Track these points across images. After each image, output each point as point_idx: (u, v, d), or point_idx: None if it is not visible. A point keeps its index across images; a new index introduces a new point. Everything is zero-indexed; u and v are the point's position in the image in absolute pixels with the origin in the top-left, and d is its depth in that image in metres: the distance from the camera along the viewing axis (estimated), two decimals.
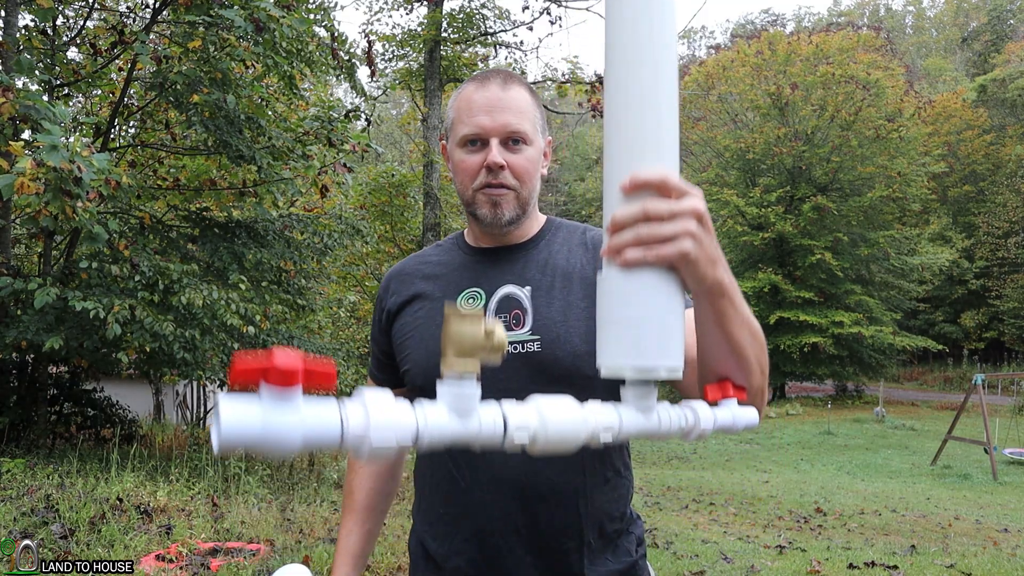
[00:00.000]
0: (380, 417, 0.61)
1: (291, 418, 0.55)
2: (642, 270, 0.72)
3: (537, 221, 1.24)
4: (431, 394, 1.18)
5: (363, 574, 1.30)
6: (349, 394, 0.65)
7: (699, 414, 0.77)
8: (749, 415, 0.81)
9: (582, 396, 0.84)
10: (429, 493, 1.18)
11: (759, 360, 0.86)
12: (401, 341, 1.21)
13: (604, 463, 1.12)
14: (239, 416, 0.54)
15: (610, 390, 0.84)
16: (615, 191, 0.74)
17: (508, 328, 1.11)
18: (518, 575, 1.09)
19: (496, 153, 1.09)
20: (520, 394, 1.17)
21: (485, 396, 1.18)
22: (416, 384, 1.17)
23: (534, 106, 1.15)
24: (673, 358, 0.72)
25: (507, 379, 1.04)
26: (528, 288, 1.14)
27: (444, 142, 1.21)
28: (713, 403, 0.81)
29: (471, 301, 1.15)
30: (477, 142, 1.12)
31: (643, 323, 0.72)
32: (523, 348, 1.10)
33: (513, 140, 1.11)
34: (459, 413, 0.68)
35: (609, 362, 0.74)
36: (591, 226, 1.26)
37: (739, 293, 0.81)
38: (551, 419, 0.70)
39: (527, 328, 1.11)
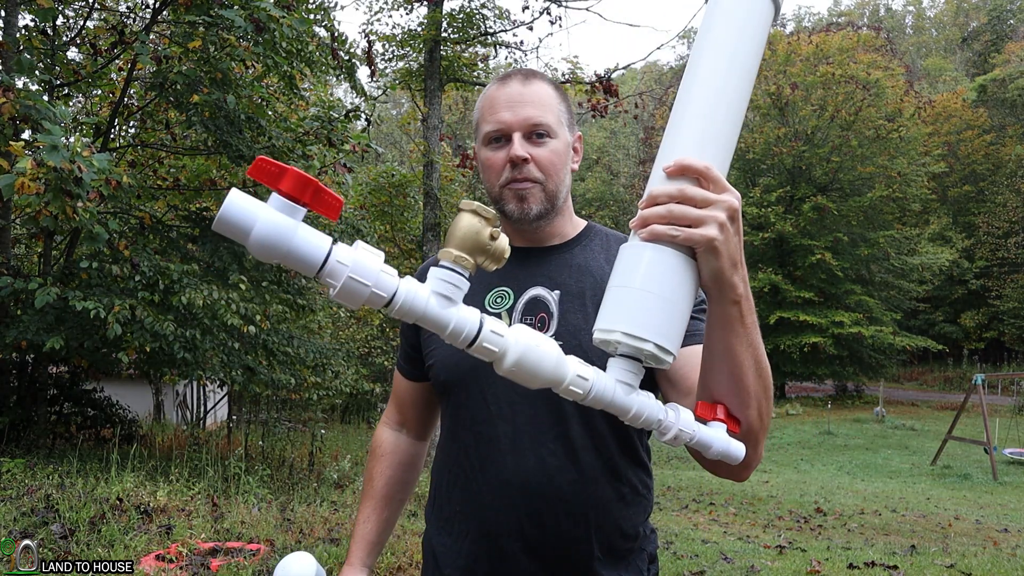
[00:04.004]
0: (366, 261, 0.63)
1: (287, 224, 0.59)
2: (663, 248, 0.72)
3: (575, 224, 1.21)
4: (455, 392, 1.15)
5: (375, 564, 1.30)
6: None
7: (681, 416, 0.75)
8: (731, 446, 0.78)
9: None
10: (445, 490, 1.17)
11: (759, 400, 0.82)
12: (428, 336, 1.19)
13: (621, 479, 1.10)
14: (244, 202, 0.59)
15: None
16: (659, 172, 0.76)
17: None
18: None
19: (518, 146, 1.08)
20: (534, 399, 1.14)
21: (496, 394, 1.16)
22: (440, 379, 1.16)
23: (558, 100, 1.13)
24: (665, 339, 0.71)
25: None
26: (557, 292, 1.11)
27: (475, 144, 1.20)
28: (701, 421, 0.79)
29: (499, 300, 1.13)
30: (501, 139, 1.10)
31: (647, 296, 0.71)
32: None
33: (537, 134, 1.09)
34: (441, 297, 0.67)
35: (603, 325, 0.73)
36: None
37: (753, 315, 0.80)
38: (526, 343, 0.69)
39: (551, 333, 1.08)
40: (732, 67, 0.77)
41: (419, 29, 9.39)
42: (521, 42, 10.63)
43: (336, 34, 6.77)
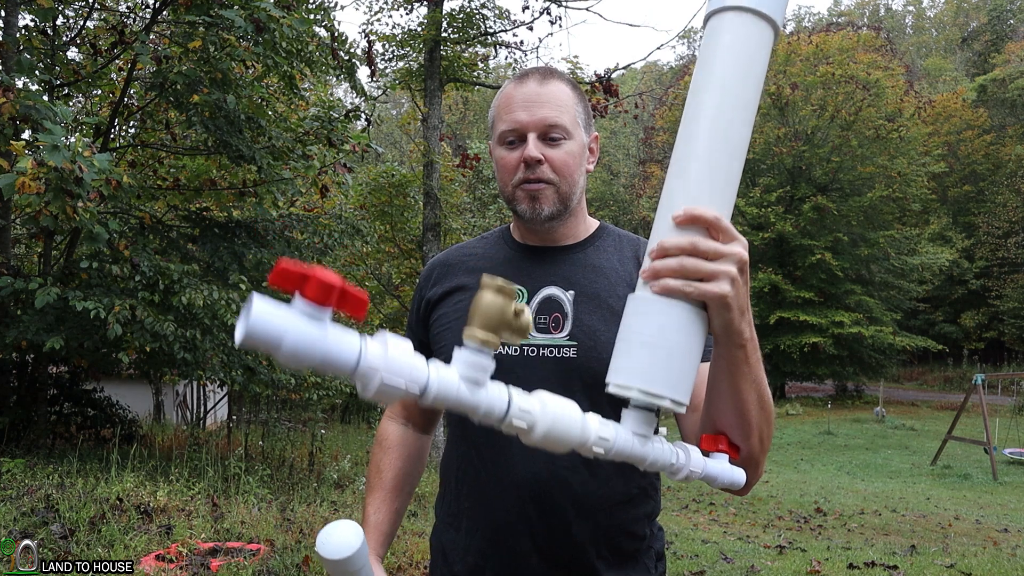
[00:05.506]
0: (397, 357, 0.63)
1: (316, 332, 0.57)
2: (676, 301, 0.73)
3: (587, 224, 1.21)
4: None
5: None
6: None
7: (691, 456, 0.78)
8: (735, 474, 0.83)
9: (611, 408, 0.84)
10: (454, 487, 1.17)
11: (760, 429, 0.86)
12: (438, 332, 1.18)
13: (630, 481, 1.10)
14: (270, 314, 0.55)
15: None
16: (667, 220, 0.76)
17: (546, 331, 1.09)
18: None
19: (533, 148, 1.07)
20: None
21: None
22: None
23: (575, 100, 1.12)
24: (681, 393, 0.73)
25: (538, 382, 1.00)
26: (572, 292, 1.11)
27: (489, 142, 1.19)
28: (705, 453, 0.82)
29: None
30: (515, 140, 1.10)
31: (662, 351, 0.72)
32: (558, 353, 1.08)
33: (552, 135, 1.08)
34: (470, 381, 0.67)
35: (619, 380, 0.74)
36: (644, 239, 1.22)
37: (757, 354, 0.82)
38: (552, 413, 0.69)
39: (565, 333, 1.09)
40: (736, 105, 0.77)
41: (419, 29, 9.38)
42: (521, 42, 10.61)
43: (336, 34, 6.76)
